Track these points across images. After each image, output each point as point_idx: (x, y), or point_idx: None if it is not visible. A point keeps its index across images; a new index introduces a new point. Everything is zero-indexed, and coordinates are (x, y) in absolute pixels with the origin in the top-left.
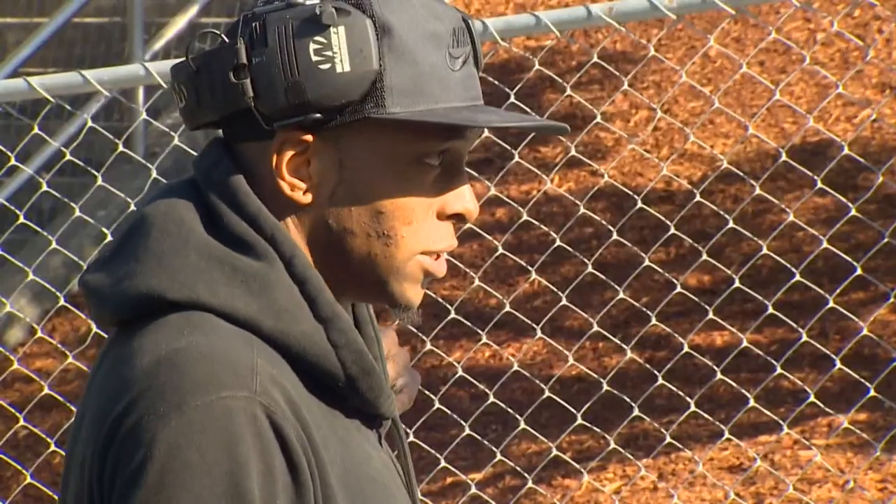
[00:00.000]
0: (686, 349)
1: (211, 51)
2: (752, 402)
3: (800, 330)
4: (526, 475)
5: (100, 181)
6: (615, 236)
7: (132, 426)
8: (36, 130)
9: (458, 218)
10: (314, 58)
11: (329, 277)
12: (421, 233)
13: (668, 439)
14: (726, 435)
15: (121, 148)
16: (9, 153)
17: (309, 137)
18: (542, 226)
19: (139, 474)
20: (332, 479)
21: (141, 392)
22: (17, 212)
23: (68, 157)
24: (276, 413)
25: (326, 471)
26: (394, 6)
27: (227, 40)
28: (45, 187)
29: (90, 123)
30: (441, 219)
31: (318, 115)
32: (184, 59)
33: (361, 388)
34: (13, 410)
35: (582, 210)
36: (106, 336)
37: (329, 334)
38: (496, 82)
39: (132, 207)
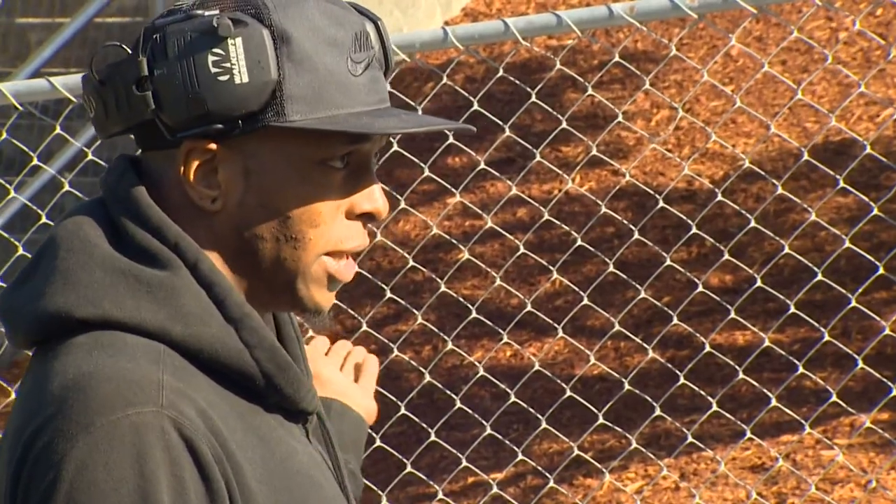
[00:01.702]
0: (708, 349)
1: (115, 63)
2: (774, 402)
3: (822, 329)
4: (547, 475)
5: None
6: (637, 236)
7: (42, 448)
8: (58, 130)
9: (367, 217)
10: (213, 69)
11: (242, 284)
12: (329, 234)
13: (690, 439)
14: (748, 434)
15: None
16: (31, 153)
17: (213, 146)
18: (564, 225)
19: (49, 495)
20: (250, 481)
21: (51, 415)
22: (40, 212)
23: (90, 156)
24: (185, 425)
25: (244, 474)
26: (292, 15)
27: (129, 52)
28: (67, 187)
29: None
30: (350, 218)
31: (220, 125)
32: (88, 70)
33: (279, 384)
34: None
35: (603, 209)
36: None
37: (240, 334)
38: (517, 82)
39: None
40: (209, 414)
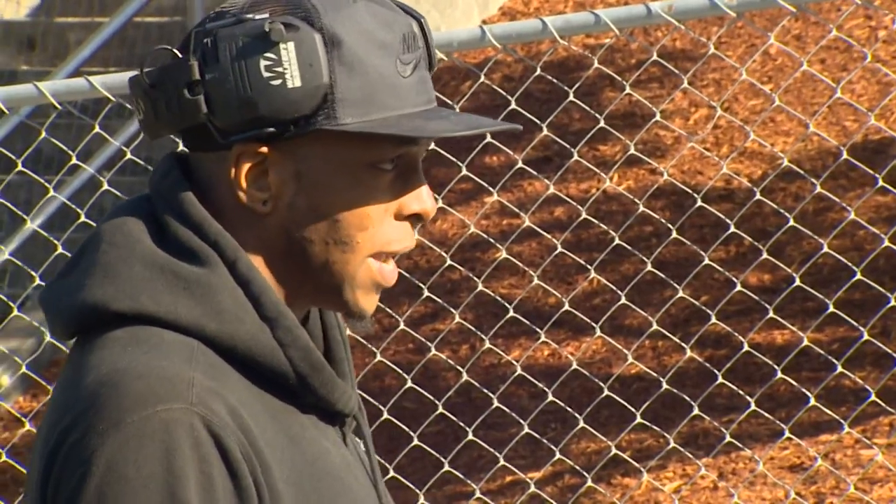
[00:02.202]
0: (746, 348)
1: (165, 66)
2: (812, 401)
3: (861, 329)
4: (585, 474)
5: None
6: (674, 235)
7: (73, 443)
8: (97, 129)
9: (415, 218)
10: (265, 74)
11: (288, 285)
12: (376, 236)
13: (729, 438)
14: (787, 434)
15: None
16: (70, 152)
17: (265, 150)
18: (602, 224)
19: (78, 491)
20: (278, 481)
21: (82, 411)
22: (79, 210)
23: (129, 155)
24: (214, 422)
25: (272, 474)
26: (342, 18)
27: (179, 56)
28: (105, 186)
29: None
30: (399, 219)
31: (272, 128)
32: (138, 73)
33: (313, 384)
34: None
35: (641, 208)
36: None
37: (275, 332)
38: (555, 81)
39: None
40: (239, 412)
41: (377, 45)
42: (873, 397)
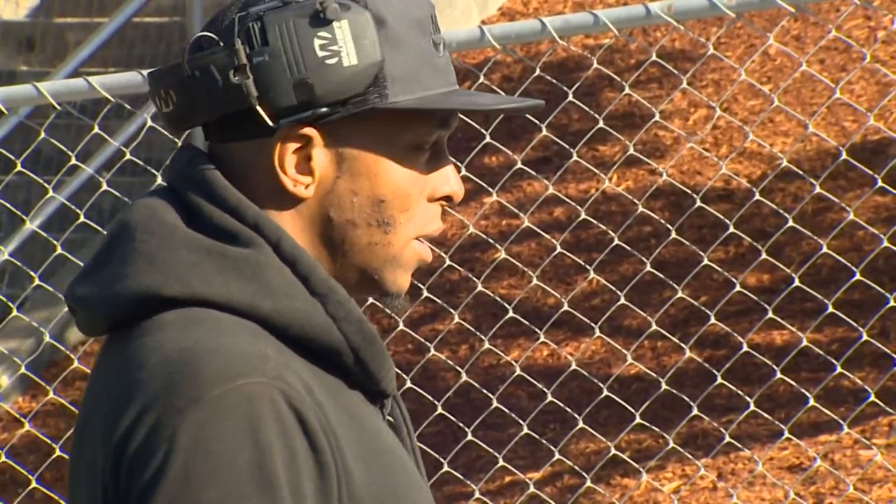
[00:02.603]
0: (745, 348)
1: (205, 54)
2: (811, 402)
3: (860, 329)
4: (584, 474)
5: (159, 180)
6: (674, 235)
7: (151, 426)
8: (96, 130)
9: (446, 199)
10: (320, 53)
11: (328, 268)
12: (416, 218)
13: (728, 439)
14: (786, 434)
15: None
16: (69, 152)
17: (311, 132)
18: (601, 225)
19: (162, 470)
20: (349, 457)
21: (155, 392)
22: (78, 211)
23: (128, 156)
24: (293, 396)
25: (343, 450)
26: None
27: (220, 42)
28: (105, 186)
29: (150, 123)
30: (431, 202)
31: (324, 108)
32: (172, 64)
33: (365, 358)
34: (74, 409)
35: (640, 209)
36: None
37: (327, 308)
38: (554, 81)
39: None
40: (312, 387)
41: (415, 23)
42: (872, 398)
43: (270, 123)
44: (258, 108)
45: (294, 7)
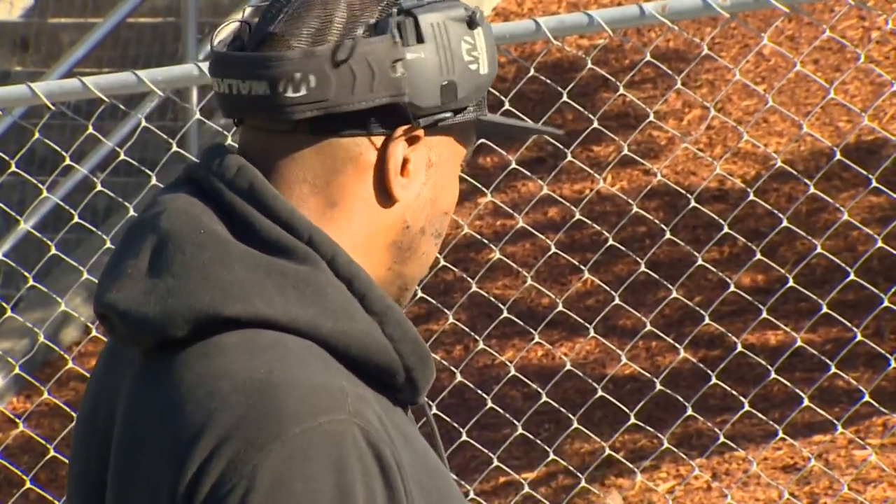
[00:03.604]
0: (740, 348)
1: (362, 43)
2: (806, 402)
3: (854, 329)
4: (579, 474)
5: (153, 181)
6: (668, 235)
7: (230, 459)
8: (90, 130)
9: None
10: (466, 58)
11: (379, 276)
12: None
13: (722, 439)
14: (780, 434)
15: (174, 147)
16: (63, 153)
17: (421, 134)
18: (595, 225)
19: None
20: (412, 485)
21: (231, 424)
22: (72, 211)
23: (122, 156)
24: (372, 433)
25: (407, 479)
26: None
27: (377, 33)
28: (99, 187)
29: (144, 123)
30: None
31: (450, 113)
32: (303, 49)
33: (417, 377)
34: (68, 409)
35: (635, 209)
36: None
37: (384, 328)
38: (549, 81)
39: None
40: (384, 418)
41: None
42: (867, 398)
43: (412, 121)
44: (404, 104)
45: (441, 7)
